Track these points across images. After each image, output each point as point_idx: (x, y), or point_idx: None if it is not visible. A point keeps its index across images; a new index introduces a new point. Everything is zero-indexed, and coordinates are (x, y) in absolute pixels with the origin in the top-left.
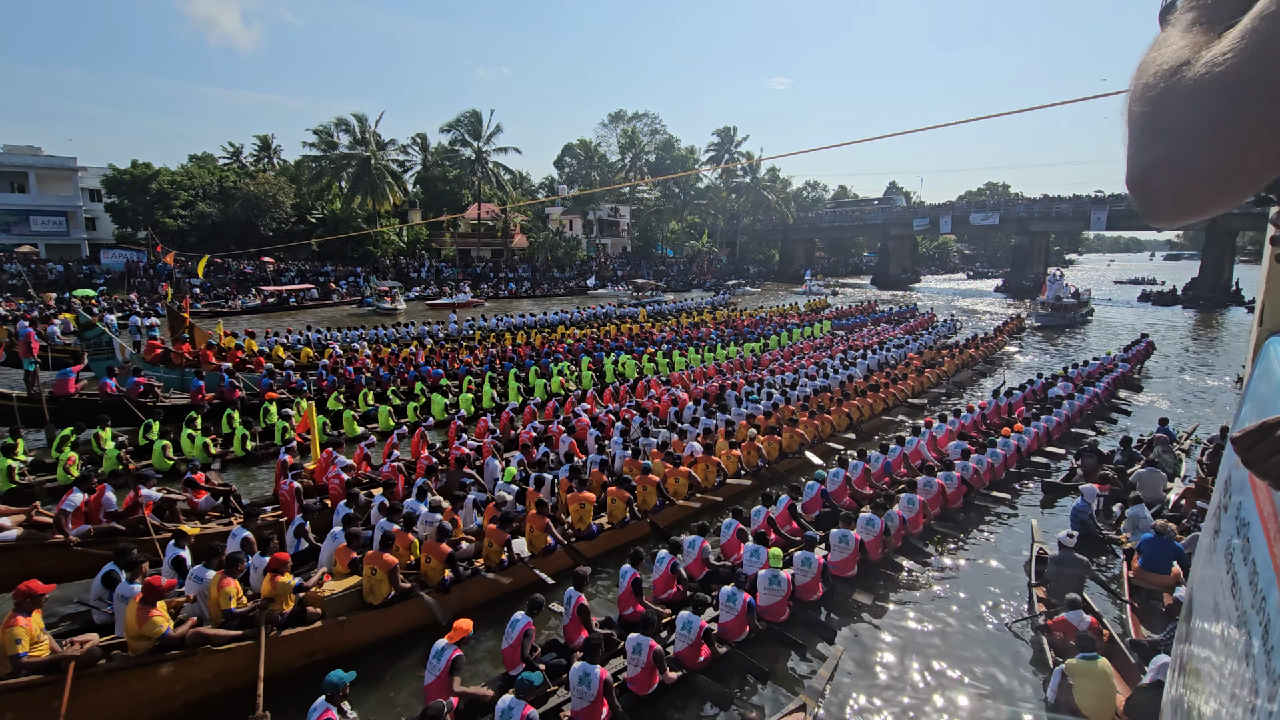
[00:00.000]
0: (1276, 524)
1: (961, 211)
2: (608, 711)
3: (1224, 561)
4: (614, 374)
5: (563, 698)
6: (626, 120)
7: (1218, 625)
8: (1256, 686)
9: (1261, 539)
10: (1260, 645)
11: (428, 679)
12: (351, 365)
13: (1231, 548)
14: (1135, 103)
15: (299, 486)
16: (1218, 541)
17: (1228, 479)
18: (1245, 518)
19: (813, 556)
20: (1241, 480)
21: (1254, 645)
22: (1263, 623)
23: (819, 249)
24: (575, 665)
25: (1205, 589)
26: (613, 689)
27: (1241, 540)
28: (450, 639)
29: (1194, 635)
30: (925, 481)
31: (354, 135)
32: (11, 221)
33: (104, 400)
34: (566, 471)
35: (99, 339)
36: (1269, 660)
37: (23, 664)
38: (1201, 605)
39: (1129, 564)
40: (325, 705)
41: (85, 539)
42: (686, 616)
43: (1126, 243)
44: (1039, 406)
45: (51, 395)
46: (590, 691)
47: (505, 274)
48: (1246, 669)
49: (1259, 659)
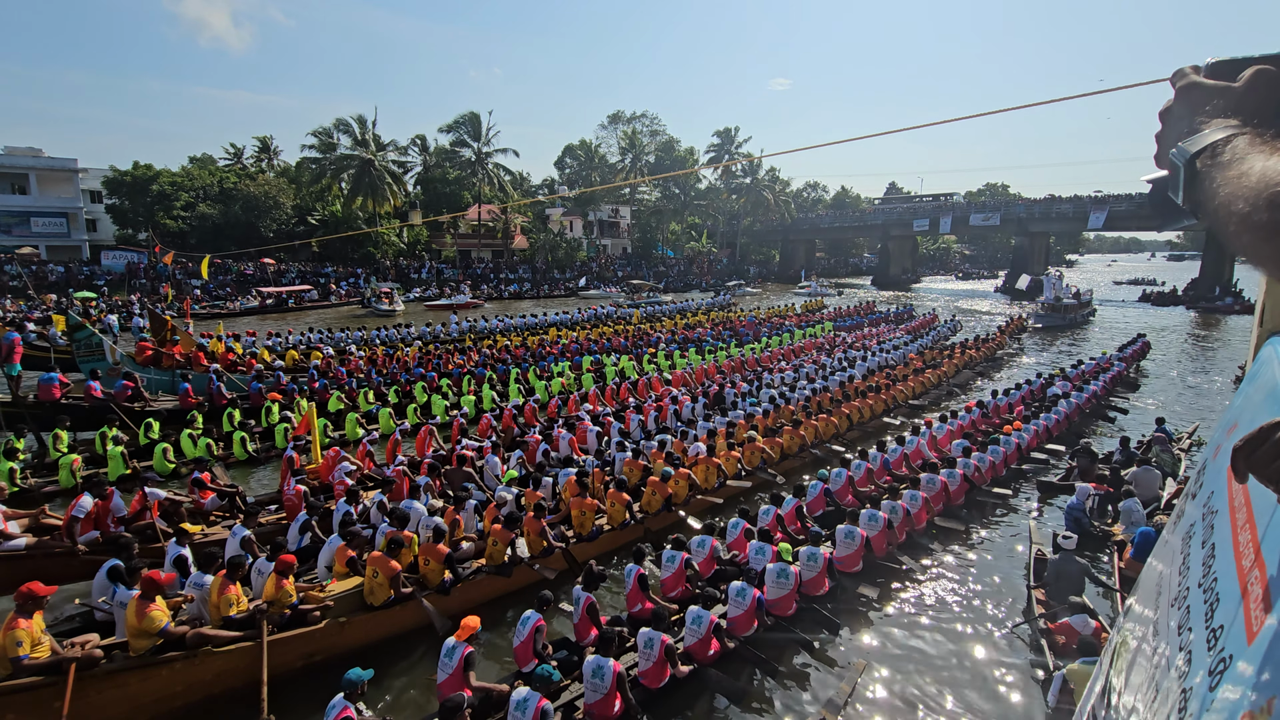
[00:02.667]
0: (1247, 515)
1: (961, 212)
2: (621, 704)
3: (1180, 542)
4: (614, 374)
5: (576, 692)
6: (626, 121)
7: (1159, 600)
8: (1190, 658)
9: (1227, 528)
10: (1202, 622)
11: (440, 677)
12: (344, 367)
13: (1192, 531)
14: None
15: (305, 489)
16: (1179, 526)
17: (1202, 468)
18: (1215, 506)
19: (818, 552)
20: (1218, 471)
21: (1193, 620)
22: (1208, 601)
23: (819, 249)
24: (589, 658)
25: (1156, 568)
26: (626, 682)
27: (1205, 526)
28: (459, 637)
29: (1132, 611)
30: (928, 478)
31: (354, 136)
32: (12, 223)
33: (89, 404)
34: (572, 473)
35: (89, 340)
36: (1214, 639)
37: (23, 666)
38: (1147, 583)
39: (1120, 555)
40: (344, 703)
41: (94, 546)
42: (696, 611)
43: (1127, 243)
44: (1038, 405)
45: (36, 399)
46: (604, 685)
47: (506, 275)
48: (1178, 641)
49: (1199, 634)
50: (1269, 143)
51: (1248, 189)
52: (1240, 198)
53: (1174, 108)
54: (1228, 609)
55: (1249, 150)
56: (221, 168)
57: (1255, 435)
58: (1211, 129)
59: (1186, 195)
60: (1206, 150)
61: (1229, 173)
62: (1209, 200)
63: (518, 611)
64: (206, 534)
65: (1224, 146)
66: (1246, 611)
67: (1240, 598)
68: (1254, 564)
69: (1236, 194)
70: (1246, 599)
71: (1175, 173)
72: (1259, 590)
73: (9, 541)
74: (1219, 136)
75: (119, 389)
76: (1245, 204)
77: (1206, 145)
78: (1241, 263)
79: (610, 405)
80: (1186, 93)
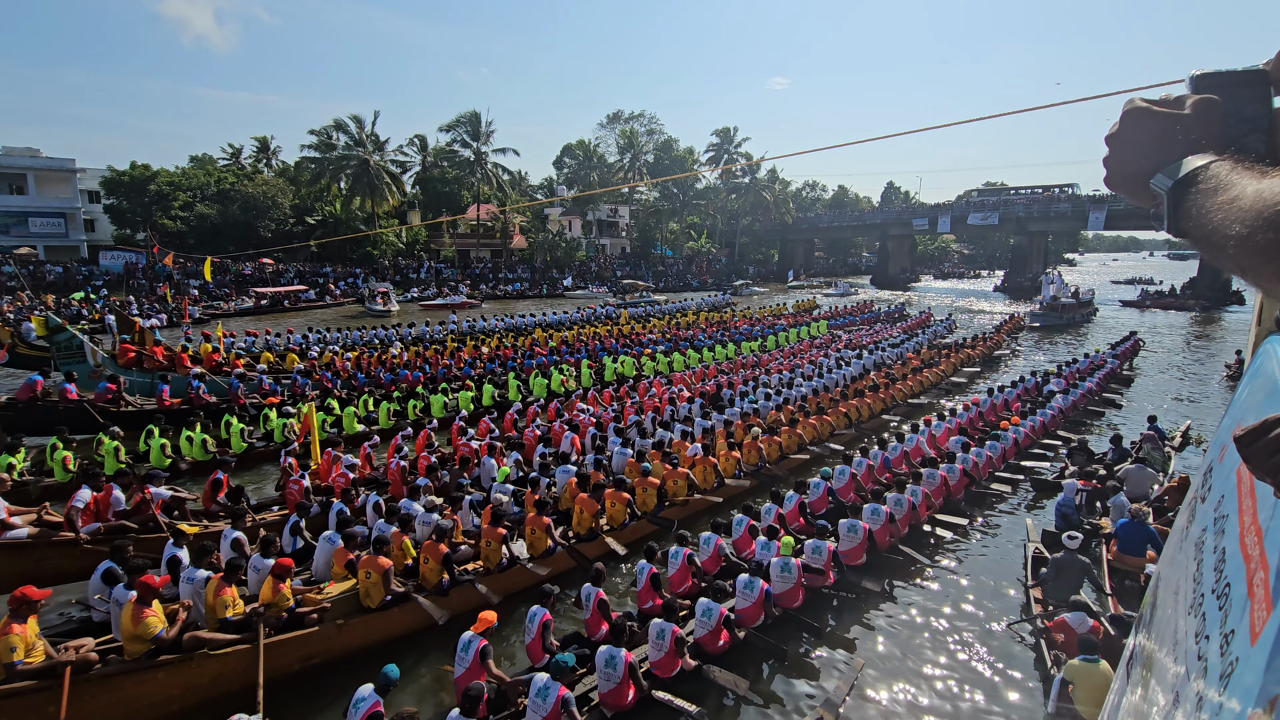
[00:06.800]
0: (1252, 518)
1: (960, 211)
2: (634, 693)
3: (1193, 550)
4: (613, 374)
5: (589, 684)
6: (624, 121)
7: (1176, 607)
8: (1206, 666)
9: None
10: (1217, 628)
11: (458, 671)
12: (329, 370)
13: (1204, 539)
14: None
15: (308, 485)
16: (1190, 531)
17: (1208, 471)
18: (1225, 511)
19: (823, 545)
20: (1225, 474)
21: (1209, 627)
22: (1222, 608)
23: (818, 249)
24: (601, 649)
25: (1170, 579)
26: (638, 671)
27: (1216, 532)
28: (475, 629)
29: (1148, 619)
30: (929, 473)
31: (352, 136)
32: (10, 223)
33: (64, 406)
34: (571, 473)
35: (69, 343)
36: (1226, 644)
37: (17, 671)
38: (1164, 589)
39: (1107, 547)
40: (375, 696)
41: (96, 537)
42: (706, 604)
43: (1126, 242)
44: (1033, 402)
45: (12, 400)
46: (616, 674)
47: (505, 275)
48: (1195, 649)
49: (1214, 640)
50: (1253, 167)
51: (1242, 211)
52: (1236, 220)
53: (1121, 132)
54: (1238, 613)
55: (1233, 175)
56: (220, 168)
57: (1256, 428)
58: (1194, 157)
59: (1171, 223)
60: (1186, 178)
61: (1218, 198)
62: (1199, 226)
63: (521, 612)
64: (207, 527)
65: (1203, 173)
66: (1251, 612)
67: (1247, 599)
68: (1259, 564)
69: (1231, 217)
70: (1252, 600)
71: (1159, 201)
72: (1263, 590)
73: (11, 531)
74: (1199, 164)
75: (101, 391)
76: (1242, 226)
77: (1187, 173)
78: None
79: (610, 405)
80: (1135, 118)
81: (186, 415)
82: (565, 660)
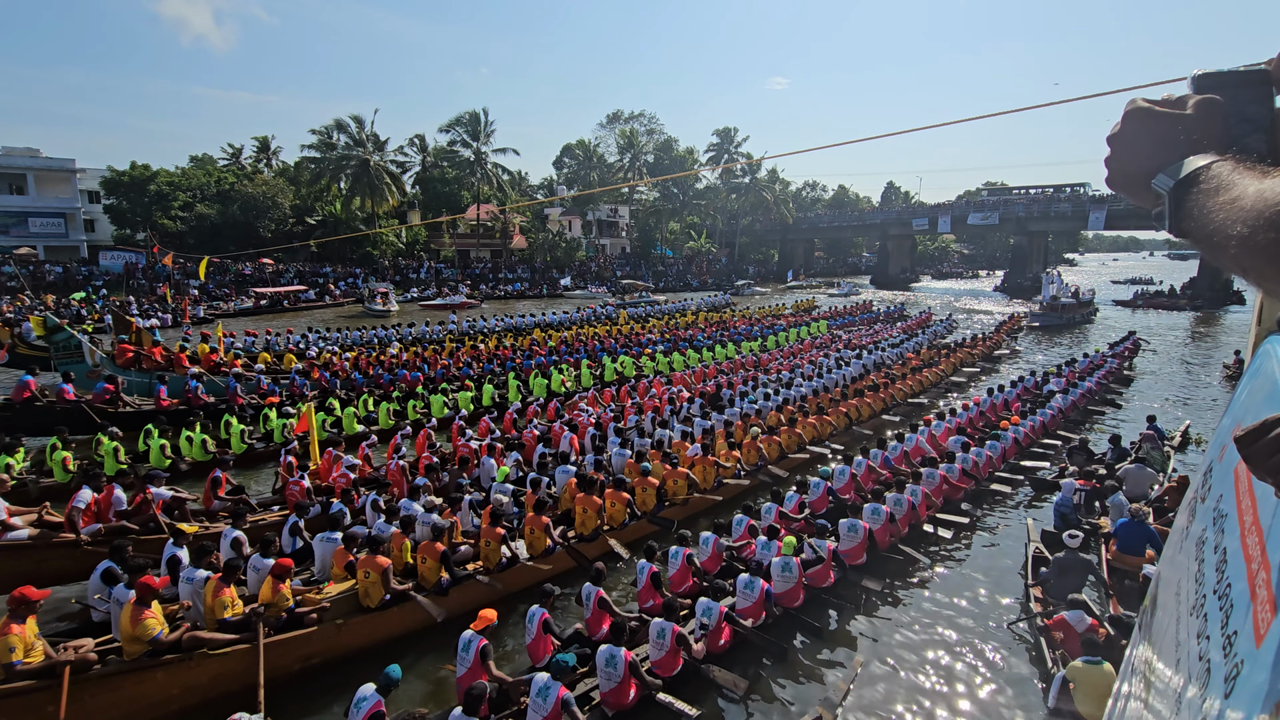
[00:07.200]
0: (1253, 517)
1: (960, 211)
2: (636, 691)
3: (1194, 550)
4: (613, 374)
5: (590, 684)
6: (624, 121)
7: (1178, 609)
8: (1209, 668)
9: (1236, 530)
10: (1219, 629)
11: (459, 670)
12: (327, 370)
13: (1204, 538)
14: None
15: (309, 486)
16: (1190, 531)
17: (1208, 471)
18: (1224, 510)
19: (823, 544)
20: (1224, 473)
21: (1210, 628)
22: (1224, 608)
23: (818, 249)
24: (602, 648)
25: (1170, 579)
26: (639, 669)
27: (1216, 531)
28: (475, 628)
29: (1149, 622)
30: (929, 473)
31: (352, 136)
32: (10, 223)
33: (61, 407)
34: (571, 473)
35: (67, 343)
36: (1229, 645)
37: (16, 671)
38: (1165, 590)
39: (1106, 547)
40: (376, 695)
41: (96, 538)
42: (706, 603)
43: (1126, 242)
44: (1033, 402)
45: (9, 401)
46: (617, 673)
47: (505, 275)
48: (1197, 650)
49: (1216, 642)
50: (1255, 167)
51: (1243, 211)
52: (1238, 220)
53: (1122, 132)
54: (1240, 614)
55: (1234, 175)
56: (220, 168)
57: (1256, 428)
58: (1195, 157)
59: (1173, 223)
60: (1188, 178)
61: (1220, 198)
62: (1201, 226)
63: (520, 612)
64: (208, 527)
65: (1204, 173)
66: (1255, 614)
67: (1250, 601)
68: (1260, 565)
69: (1233, 218)
70: (1255, 601)
71: (1161, 201)
72: (1265, 592)
73: (12, 532)
74: (1201, 164)
75: (99, 391)
76: (1244, 226)
77: (1189, 173)
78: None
79: (609, 405)
80: (1137, 118)
81: (185, 415)
82: (566, 660)
